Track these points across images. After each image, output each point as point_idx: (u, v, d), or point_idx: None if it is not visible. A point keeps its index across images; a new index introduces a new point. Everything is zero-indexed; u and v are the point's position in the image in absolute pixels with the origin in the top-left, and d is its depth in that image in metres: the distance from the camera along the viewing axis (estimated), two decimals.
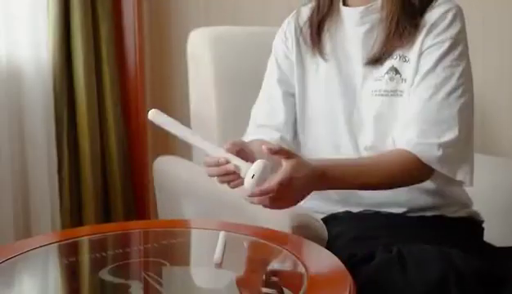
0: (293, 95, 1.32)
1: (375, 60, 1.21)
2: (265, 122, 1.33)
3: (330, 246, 1.16)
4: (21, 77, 1.99)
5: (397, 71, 1.20)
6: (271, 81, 1.35)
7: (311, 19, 1.30)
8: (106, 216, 2.23)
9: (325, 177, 1.08)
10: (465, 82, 1.18)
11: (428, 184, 1.21)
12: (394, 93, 1.20)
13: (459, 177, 1.17)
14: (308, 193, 1.08)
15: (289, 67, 1.33)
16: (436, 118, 1.15)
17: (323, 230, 1.19)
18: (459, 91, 1.17)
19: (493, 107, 2.00)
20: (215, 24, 2.00)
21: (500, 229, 1.46)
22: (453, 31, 1.18)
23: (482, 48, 1.95)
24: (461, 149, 1.17)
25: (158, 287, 0.92)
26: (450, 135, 1.15)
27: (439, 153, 1.14)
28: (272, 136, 1.30)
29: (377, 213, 1.22)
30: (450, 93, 1.16)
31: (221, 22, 2.18)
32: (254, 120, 1.36)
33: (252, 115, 1.38)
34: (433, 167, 1.15)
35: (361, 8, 1.23)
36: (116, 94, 2.22)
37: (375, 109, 1.22)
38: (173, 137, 1.10)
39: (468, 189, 1.31)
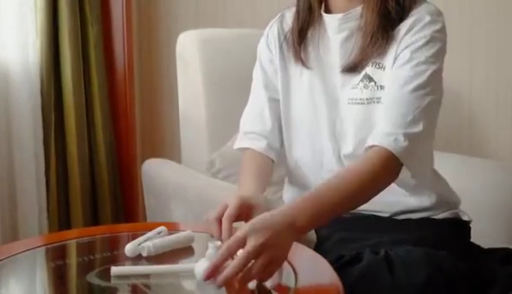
0: (278, 100, 1.31)
1: (351, 68, 1.20)
2: (252, 129, 1.32)
3: (317, 247, 1.17)
4: (9, 78, 1.98)
5: (370, 79, 1.19)
6: (257, 86, 1.35)
7: (292, 27, 1.28)
8: (94, 218, 2.22)
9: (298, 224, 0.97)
10: (436, 83, 1.16)
11: (414, 186, 1.21)
12: (371, 101, 1.18)
13: (420, 177, 1.16)
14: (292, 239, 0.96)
15: (274, 71, 1.32)
16: (403, 110, 1.12)
17: (312, 232, 1.19)
18: (428, 89, 1.14)
19: (480, 109, 2.01)
20: (204, 26, 2.00)
21: (487, 230, 1.47)
22: (431, 30, 1.16)
23: (469, 51, 1.96)
24: (422, 146, 1.15)
25: (146, 290, 0.92)
26: (415, 128, 1.11)
27: (405, 143, 1.10)
28: (259, 144, 1.29)
29: (364, 215, 1.22)
30: (419, 88, 1.13)
31: (210, 24, 2.18)
32: (243, 127, 1.35)
33: (241, 121, 1.37)
34: (402, 160, 1.10)
35: (340, 15, 1.21)
36: (104, 96, 2.21)
37: (353, 118, 1.20)
38: (163, 140, 1.09)
39: (456, 189, 1.32)
